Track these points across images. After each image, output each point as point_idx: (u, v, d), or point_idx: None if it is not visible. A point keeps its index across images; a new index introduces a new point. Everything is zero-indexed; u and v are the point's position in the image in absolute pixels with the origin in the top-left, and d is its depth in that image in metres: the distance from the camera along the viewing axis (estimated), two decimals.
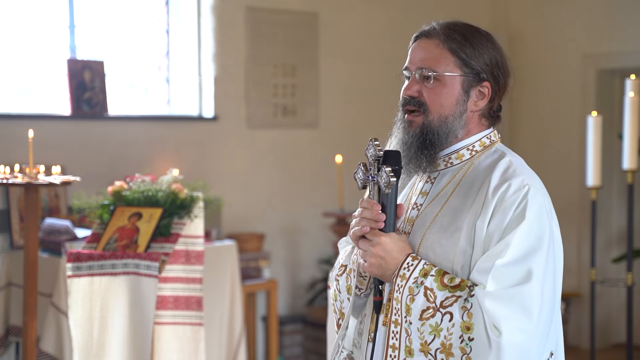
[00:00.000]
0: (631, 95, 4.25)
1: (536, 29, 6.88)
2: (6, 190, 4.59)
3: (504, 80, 1.99)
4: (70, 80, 4.99)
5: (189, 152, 5.56)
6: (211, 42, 5.64)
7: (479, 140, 2.00)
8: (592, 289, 4.51)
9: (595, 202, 4.49)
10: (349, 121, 6.31)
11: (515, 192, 1.86)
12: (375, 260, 1.91)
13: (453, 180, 1.97)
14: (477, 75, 1.95)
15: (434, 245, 1.91)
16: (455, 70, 1.94)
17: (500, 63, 1.98)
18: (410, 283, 1.86)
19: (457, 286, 1.83)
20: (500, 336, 1.76)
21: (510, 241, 1.81)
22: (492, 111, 2.02)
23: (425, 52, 1.97)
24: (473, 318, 1.79)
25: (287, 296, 6.07)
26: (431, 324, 1.82)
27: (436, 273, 1.86)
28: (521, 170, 1.92)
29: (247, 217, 5.81)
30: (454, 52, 1.94)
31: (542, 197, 1.89)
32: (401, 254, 1.91)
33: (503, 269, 1.80)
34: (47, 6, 5.15)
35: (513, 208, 1.85)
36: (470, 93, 1.96)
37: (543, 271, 1.83)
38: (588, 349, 4.68)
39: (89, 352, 3.53)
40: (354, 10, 6.30)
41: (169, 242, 3.69)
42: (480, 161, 1.98)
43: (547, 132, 6.83)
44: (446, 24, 1.99)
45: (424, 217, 1.96)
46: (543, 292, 1.82)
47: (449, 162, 2.00)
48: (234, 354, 4.69)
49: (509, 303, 1.78)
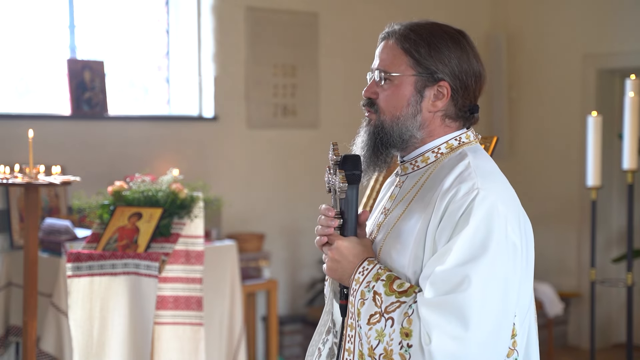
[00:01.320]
0: (631, 95, 4.25)
1: (536, 29, 6.88)
2: (6, 190, 4.59)
3: (468, 80, 1.92)
4: (70, 80, 4.99)
5: (189, 152, 5.56)
6: (211, 42, 5.64)
7: (446, 142, 1.94)
8: (592, 289, 4.52)
9: (595, 202, 4.49)
10: (349, 121, 6.29)
11: (463, 197, 1.79)
12: (332, 264, 1.90)
13: (417, 184, 1.94)
14: (432, 75, 1.90)
15: (391, 251, 1.88)
16: (407, 70, 1.91)
17: (464, 62, 1.91)
18: (362, 287, 1.84)
19: (404, 292, 1.79)
20: (430, 343, 1.71)
21: (452, 247, 1.75)
22: (459, 112, 1.94)
23: (383, 53, 1.95)
24: (412, 324, 1.74)
25: (287, 296, 6.07)
26: (377, 329, 1.79)
27: (387, 278, 1.82)
28: (477, 174, 1.84)
29: (247, 217, 5.81)
30: (407, 52, 1.91)
31: (491, 201, 1.79)
32: (357, 258, 1.88)
33: (441, 275, 1.74)
34: (47, 6, 5.15)
35: (459, 213, 1.78)
36: (425, 93, 1.91)
37: (485, 278, 1.73)
38: (588, 349, 4.68)
39: (89, 352, 3.53)
40: (354, 10, 6.30)
41: (169, 242, 3.69)
42: (444, 164, 1.92)
43: (547, 132, 6.83)
44: (408, 24, 1.95)
45: (388, 222, 1.95)
46: (485, 300, 1.72)
47: (415, 165, 1.96)
48: (234, 354, 4.69)
49: (442, 310, 1.72)
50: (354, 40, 6.29)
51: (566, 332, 6.67)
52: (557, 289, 6.42)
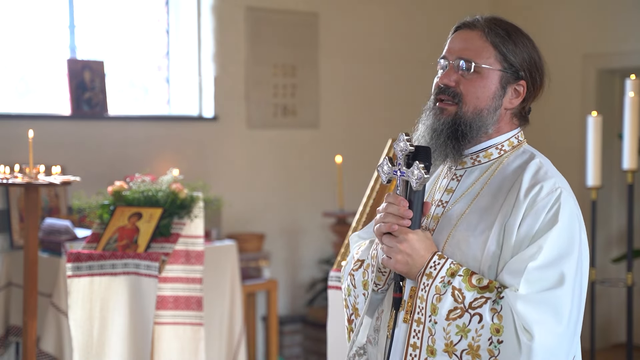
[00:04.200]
0: (631, 95, 4.25)
1: (536, 29, 6.87)
2: (6, 190, 4.59)
3: (540, 81, 1.98)
4: (70, 80, 4.99)
5: (189, 152, 5.56)
6: (211, 42, 5.64)
7: (508, 140, 1.98)
8: (592, 289, 4.52)
9: (595, 202, 4.49)
10: (349, 121, 6.30)
11: (548, 195, 1.84)
12: (402, 257, 1.87)
13: (481, 179, 1.95)
14: (516, 72, 1.93)
15: (462, 244, 1.88)
16: (495, 64, 1.92)
17: (539, 64, 1.97)
18: (437, 282, 1.83)
19: (485, 287, 1.81)
20: (532, 340, 1.74)
21: (543, 244, 1.79)
22: (523, 111, 2.00)
23: (467, 43, 1.95)
24: (503, 320, 1.76)
25: (287, 296, 6.07)
26: (458, 324, 1.79)
27: (464, 273, 1.83)
28: (552, 173, 1.90)
29: (247, 217, 5.81)
30: (496, 46, 1.92)
31: (573, 201, 1.88)
32: (428, 252, 1.87)
33: (536, 272, 1.78)
34: (47, 6, 5.15)
35: (545, 211, 1.83)
36: (507, 90, 1.94)
37: (574, 275, 1.81)
38: (588, 349, 4.68)
39: (89, 352, 3.53)
40: (354, 10, 6.30)
41: (169, 242, 3.69)
42: (509, 161, 1.95)
43: (547, 132, 6.83)
44: (491, 17, 1.98)
45: (450, 215, 1.93)
46: (573, 297, 1.80)
47: (476, 160, 1.97)
48: (234, 354, 4.69)
49: (541, 307, 1.76)
50: (354, 40, 6.29)
51: None
52: None
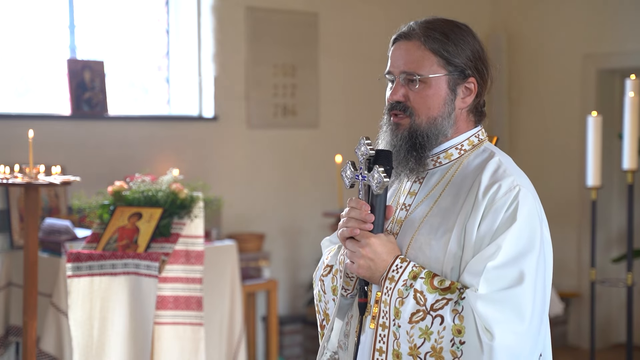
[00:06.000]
0: (631, 95, 4.25)
1: (536, 29, 6.88)
2: (6, 190, 4.59)
3: (487, 72, 1.96)
4: (70, 80, 4.99)
5: (189, 152, 5.56)
6: (211, 42, 5.64)
7: (467, 139, 1.97)
8: (592, 289, 4.52)
9: (595, 202, 4.50)
10: (349, 121, 6.30)
11: (506, 193, 1.83)
12: (364, 261, 1.87)
13: (442, 180, 1.94)
14: (462, 72, 1.92)
15: (424, 247, 1.87)
16: (439, 70, 1.91)
17: (482, 56, 1.95)
18: (399, 286, 1.83)
19: (447, 289, 1.80)
20: (493, 339, 1.73)
21: (502, 243, 1.78)
22: (479, 106, 1.98)
23: (408, 55, 1.94)
24: (464, 321, 1.76)
25: (287, 296, 6.07)
26: (421, 327, 1.79)
27: (426, 275, 1.82)
28: (511, 171, 1.89)
29: (247, 217, 5.81)
30: (436, 52, 1.91)
31: (532, 198, 1.86)
32: (390, 256, 1.87)
33: (495, 271, 1.77)
34: (47, 6, 5.15)
35: (504, 210, 1.82)
36: (457, 91, 1.93)
37: (534, 273, 1.79)
38: (588, 349, 4.68)
39: (89, 352, 3.53)
40: (354, 10, 6.30)
41: (169, 242, 3.69)
42: (470, 161, 1.94)
43: (547, 132, 6.83)
44: (424, 22, 1.96)
45: (412, 218, 1.93)
46: (535, 294, 1.79)
47: (437, 161, 1.96)
48: (234, 354, 4.69)
49: (501, 305, 1.75)
50: (354, 40, 6.29)
51: (566, 332, 6.67)
52: (557, 289, 6.41)
